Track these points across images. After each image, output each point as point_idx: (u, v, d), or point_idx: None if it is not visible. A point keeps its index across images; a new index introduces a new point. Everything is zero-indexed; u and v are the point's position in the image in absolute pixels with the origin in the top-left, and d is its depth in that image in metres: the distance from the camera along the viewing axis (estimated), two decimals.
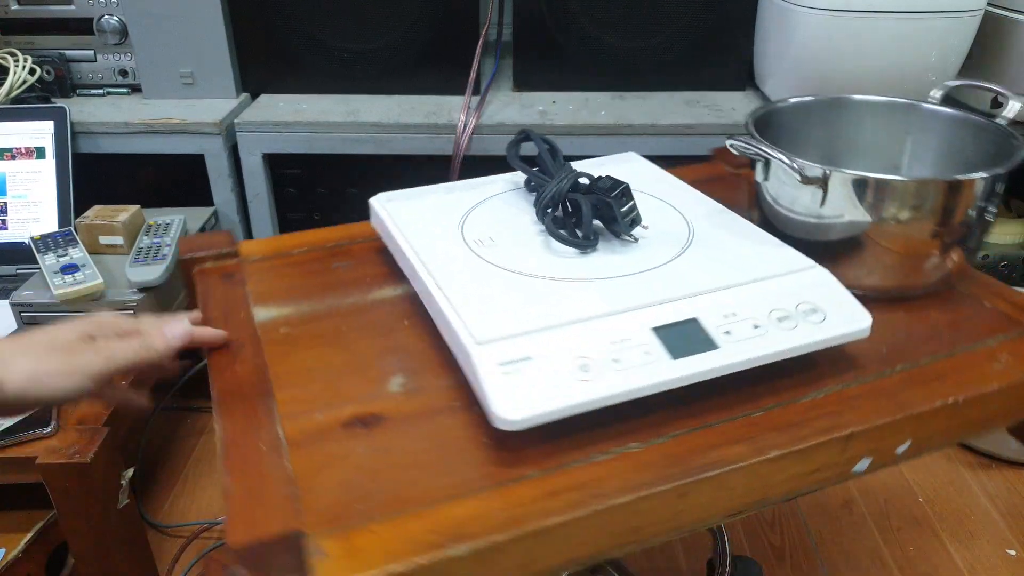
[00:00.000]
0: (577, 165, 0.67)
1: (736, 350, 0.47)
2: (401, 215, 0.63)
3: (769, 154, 0.56)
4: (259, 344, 0.56)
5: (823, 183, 0.55)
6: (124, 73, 1.13)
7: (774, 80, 1.07)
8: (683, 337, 0.48)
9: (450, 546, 0.39)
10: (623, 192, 0.56)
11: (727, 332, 0.48)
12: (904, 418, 0.47)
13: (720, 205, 0.62)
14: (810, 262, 0.53)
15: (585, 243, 0.56)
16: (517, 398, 0.43)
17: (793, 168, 0.55)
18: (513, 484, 0.43)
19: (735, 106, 1.09)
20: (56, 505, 0.49)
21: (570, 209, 0.59)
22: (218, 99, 1.11)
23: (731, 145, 0.58)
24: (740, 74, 1.14)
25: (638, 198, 0.59)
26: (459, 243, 0.58)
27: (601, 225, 0.58)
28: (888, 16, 0.93)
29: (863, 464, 0.47)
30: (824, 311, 0.50)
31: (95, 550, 0.47)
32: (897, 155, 0.68)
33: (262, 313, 0.60)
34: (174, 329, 0.49)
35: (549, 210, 0.58)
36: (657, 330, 0.48)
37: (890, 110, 0.67)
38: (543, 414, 0.43)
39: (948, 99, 0.66)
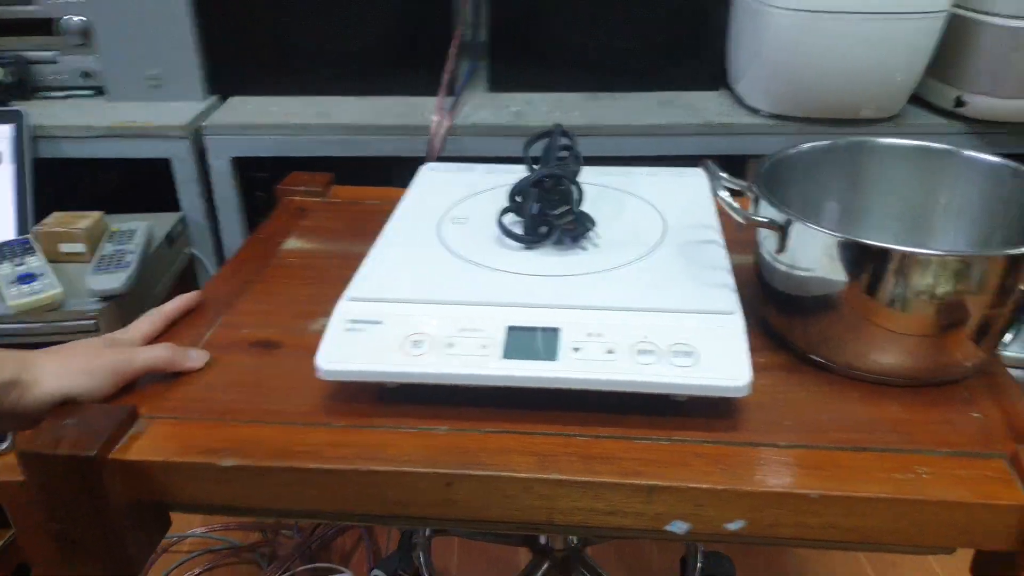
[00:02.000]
0: (637, 171, 0.68)
1: (568, 367, 0.46)
2: (426, 181, 0.67)
3: (762, 222, 0.50)
4: (267, 266, 0.65)
5: (785, 231, 0.49)
6: (87, 75, 1.10)
7: (747, 80, 1.07)
8: (532, 343, 0.47)
9: (224, 457, 0.44)
10: (561, 197, 0.56)
11: (576, 349, 0.46)
12: (732, 492, 0.42)
13: (718, 235, 0.57)
14: (732, 307, 0.49)
15: (526, 238, 0.56)
16: (340, 353, 0.47)
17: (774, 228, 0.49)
18: (313, 426, 0.47)
19: (708, 106, 1.09)
20: (14, 524, 0.47)
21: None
22: (186, 101, 1.08)
23: (720, 197, 0.51)
24: (713, 74, 1.14)
25: (642, 208, 0.60)
26: (435, 216, 0.61)
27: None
28: (856, 16, 0.93)
29: (678, 526, 0.43)
30: (700, 357, 0.46)
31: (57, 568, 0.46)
32: (927, 210, 0.59)
33: (291, 243, 0.69)
34: (202, 353, 0.52)
35: (517, 199, 0.59)
36: (512, 329, 0.48)
37: (922, 155, 0.59)
38: (351, 372, 0.47)
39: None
